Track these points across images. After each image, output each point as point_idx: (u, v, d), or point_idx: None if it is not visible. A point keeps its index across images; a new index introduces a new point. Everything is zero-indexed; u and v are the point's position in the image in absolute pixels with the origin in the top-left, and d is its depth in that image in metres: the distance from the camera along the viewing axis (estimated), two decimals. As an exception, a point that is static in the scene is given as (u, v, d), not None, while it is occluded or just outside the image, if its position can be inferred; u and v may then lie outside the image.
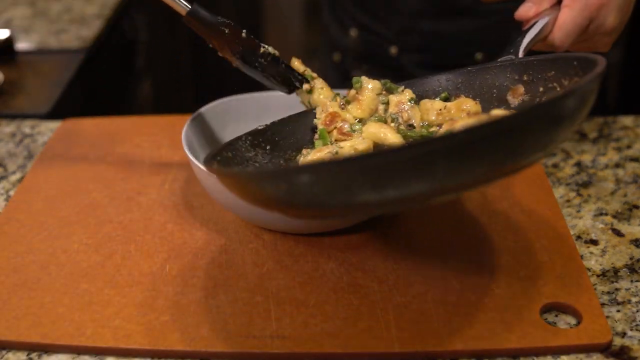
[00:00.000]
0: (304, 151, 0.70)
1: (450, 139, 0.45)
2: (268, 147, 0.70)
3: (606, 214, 0.75)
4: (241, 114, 0.82)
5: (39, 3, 1.51)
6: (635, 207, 0.76)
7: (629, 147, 0.86)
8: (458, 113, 0.66)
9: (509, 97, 0.68)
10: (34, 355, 0.61)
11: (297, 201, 0.50)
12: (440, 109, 0.67)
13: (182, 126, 0.75)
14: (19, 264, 0.69)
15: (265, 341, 0.60)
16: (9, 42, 1.25)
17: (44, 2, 1.51)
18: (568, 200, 0.77)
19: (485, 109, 0.67)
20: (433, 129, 0.67)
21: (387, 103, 0.70)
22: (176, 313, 0.63)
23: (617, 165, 0.83)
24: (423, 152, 0.45)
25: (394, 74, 0.89)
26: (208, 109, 0.79)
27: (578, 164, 0.83)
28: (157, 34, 2.05)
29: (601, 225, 0.73)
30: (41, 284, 0.67)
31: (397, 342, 0.59)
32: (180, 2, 0.69)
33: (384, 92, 0.71)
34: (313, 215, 0.62)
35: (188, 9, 0.69)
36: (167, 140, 0.89)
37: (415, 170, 0.45)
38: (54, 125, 0.96)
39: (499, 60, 0.70)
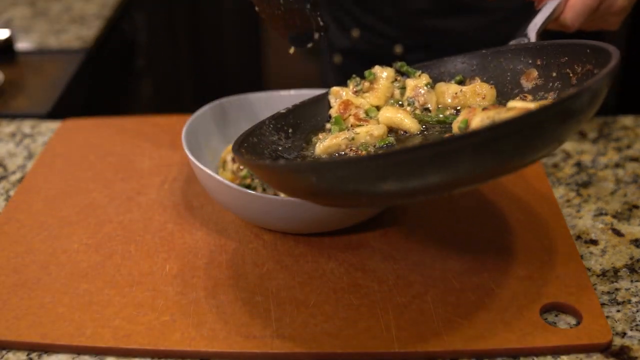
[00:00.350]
0: (320, 135, 0.70)
1: (473, 137, 0.47)
2: (290, 130, 0.70)
3: (606, 214, 0.75)
4: (241, 114, 0.82)
5: (39, 3, 1.51)
6: (635, 207, 0.76)
7: (629, 147, 0.86)
8: (474, 97, 0.66)
9: (523, 81, 0.68)
10: (34, 355, 0.61)
11: (325, 193, 0.52)
12: (456, 93, 0.67)
13: (182, 126, 0.75)
14: (19, 264, 0.69)
15: (265, 341, 0.60)
16: (9, 42, 1.25)
17: (44, 2, 1.51)
18: (568, 200, 0.77)
19: (500, 92, 0.68)
20: (449, 112, 0.67)
21: (403, 88, 0.70)
22: (176, 313, 0.63)
23: (617, 165, 0.83)
24: (448, 150, 0.47)
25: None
26: (208, 109, 0.79)
27: (578, 164, 0.83)
28: (157, 34, 2.05)
29: (601, 225, 0.73)
30: (41, 284, 0.67)
31: (397, 342, 0.59)
32: None
33: (398, 78, 0.71)
34: (340, 205, 0.63)
35: None
36: (167, 140, 0.89)
37: (438, 166, 0.48)
38: (54, 125, 0.96)
39: (512, 43, 0.70)
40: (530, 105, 0.56)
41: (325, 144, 0.65)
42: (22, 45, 1.30)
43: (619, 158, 0.84)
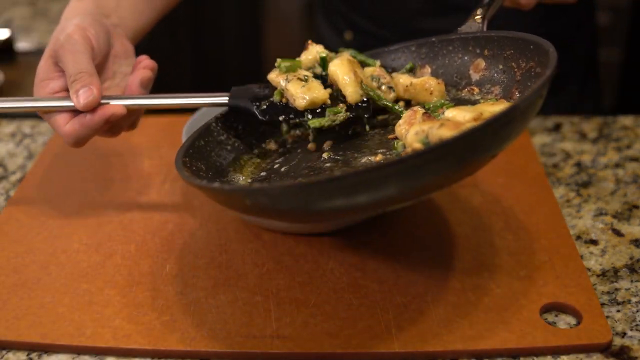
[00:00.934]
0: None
1: (399, 164, 0.49)
2: (240, 127, 0.71)
3: (606, 214, 0.75)
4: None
5: (39, 3, 1.51)
6: (635, 207, 0.76)
7: (629, 147, 0.86)
8: (422, 92, 0.67)
9: (471, 71, 0.69)
10: (34, 355, 0.61)
11: (259, 212, 0.56)
12: (406, 86, 0.68)
13: (182, 126, 0.75)
14: (19, 264, 0.69)
15: (265, 341, 0.60)
16: (9, 42, 1.25)
17: (44, 2, 1.51)
18: (568, 200, 0.77)
19: (449, 82, 0.69)
20: (400, 104, 0.68)
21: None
22: (176, 313, 0.63)
23: (617, 165, 0.83)
24: (376, 176, 0.49)
25: None
26: (208, 109, 0.79)
27: (578, 164, 0.83)
28: (157, 33, 2.05)
29: (601, 225, 0.73)
30: (41, 284, 0.67)
31: (397, 342, 0.59)
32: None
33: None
34: (279, 220, 0.66)
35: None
36: (167, 140, 0.89)
37: (370, 189, 0.49)
38: (54, 125, 0.96)
39: (462, 29, 0.71)
40: (463, 121, 0.56)
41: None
42: (22, 45, 1.30)
43: (619, 158, 0.84)
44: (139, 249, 0.71)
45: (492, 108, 0.57)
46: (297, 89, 0.65)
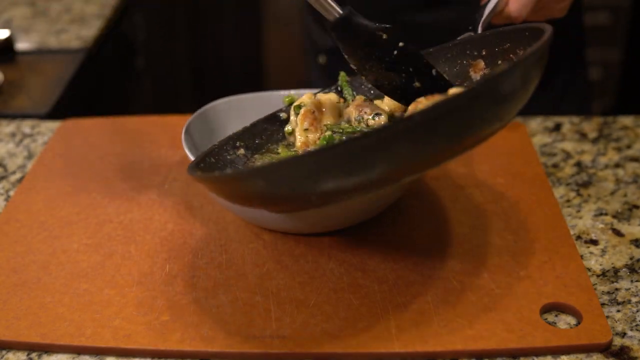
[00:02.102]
0: (279, 149, 0.72)
1: (407, 122, 0.48)
2: (249, 146, 0.72)
3: (606, 214, 0.75)
4: (241, 114, 0.82)
5: (39, 3, 1.51)
6: (635, 207, 0.76)
7: (629, 147, 0.86)
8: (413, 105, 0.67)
9: (472, 73, 0.69)
10: (34, 355, 0.61)
11: (276, 196, 0.54)
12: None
13: (182, 126, 0.75)
14: (19, 264, 0.69)
15: (265, 341, 0.60)
16: (9, 42, 1.25)
17: (44, 2, 1.51)
18: (568, 200, 0.77)
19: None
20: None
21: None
22: (176, 313, 0.63)
23: (617, 165, 0.83)
24: (386, 137, 0.48)
25: None
26: (208, 109, 0.79)
27: (578, 164, 0.83)
28: (157, 34, 2.05)
29: (601, 225, 0.73)
30: (41, 284, 0.67)
31: (397, 342, 0.59)
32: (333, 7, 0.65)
33: (340, 100, 0.73)
34: (293, 208, 0.64)
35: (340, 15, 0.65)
36: (167, 140, 0.89)
37: (378, 154, 0.49)
38: (54, 125, 0.96)
39: (459, 38, 0.72)
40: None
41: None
42: (22, 45, 1.30)
43: (619, 158, 0.84)
44: (139, 249, 0.71)
45: None
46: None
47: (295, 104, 0.72)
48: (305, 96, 0.72)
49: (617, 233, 0.72)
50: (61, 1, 1.52)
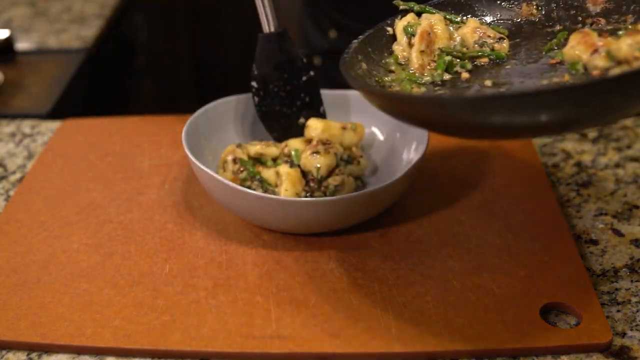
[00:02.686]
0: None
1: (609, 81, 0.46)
2: (365, 59, 0.64)
3: (606, 214, 0.75)
4: (241, 114, 0.82)
5: (39, 3, 1.51)
6: (635, 207, 0.76)
7: (629, 147, 0.86)
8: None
9: (589, 5, 0.64)
10: (34, 355, 0.61)
11: (464, 125, 0.51)
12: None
13: (182, 126, 0.75)
14: (19, 264, 0.69)
15: (265, 341, 0.60)
16: (9, 42, 1.25)
17: (44, 2, 1.51)
18: (568, 200, 0.77)
19: (563, 16, 0.65)
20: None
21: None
22: (176, 313, 0.63)
23: (617, 165, 0.83)
24: (609, 87, 0.46)
25: None
26: (208, 109, 0.79)
27: (578, 164, 0.83)
28: (157, 34, 2.05)
29: (601, 225, 0.73)
30: (41, 284, 0.67)
31: (397, 342, 0.59)
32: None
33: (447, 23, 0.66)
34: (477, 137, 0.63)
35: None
36: (167, 140, 0.89)
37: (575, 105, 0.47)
38: (54, 125, 0.96)
39: None
40: None
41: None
42: (22, 45, 1.30)
43: (619, 158, 0.84)
44: (139, 249, 0.71)
45: None
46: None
47: (403, 24, 0.66)
48: (408, 16, 0.66)
49: (617, 233, 0.72)
50: (61, 1, 1.52)
